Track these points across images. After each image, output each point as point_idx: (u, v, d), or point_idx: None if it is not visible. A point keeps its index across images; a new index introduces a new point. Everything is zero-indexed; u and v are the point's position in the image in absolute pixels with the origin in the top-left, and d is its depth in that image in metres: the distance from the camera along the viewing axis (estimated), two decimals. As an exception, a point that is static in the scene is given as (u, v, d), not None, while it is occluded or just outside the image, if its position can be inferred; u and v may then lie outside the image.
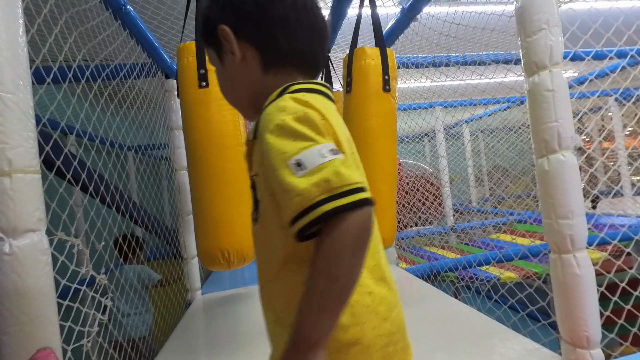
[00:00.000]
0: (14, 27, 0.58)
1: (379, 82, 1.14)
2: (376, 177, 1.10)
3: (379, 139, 1.13)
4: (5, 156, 0.54)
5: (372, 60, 1.15)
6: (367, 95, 1.14)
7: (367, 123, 1.13)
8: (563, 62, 0.80)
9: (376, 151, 1.12)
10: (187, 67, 0.97)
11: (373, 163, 1.10)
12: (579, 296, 0.76)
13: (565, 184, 0.77)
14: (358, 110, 1.15)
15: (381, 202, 1.09)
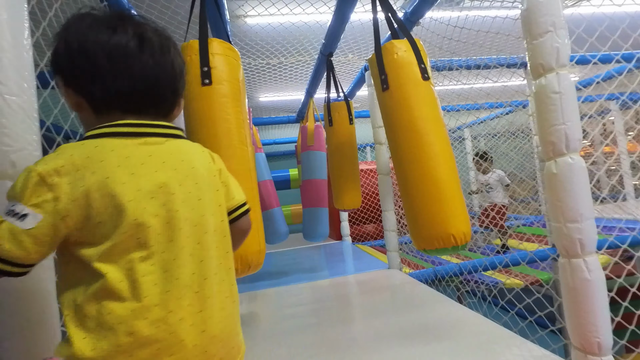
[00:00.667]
0: (20, 29, 0.58)
1: (416, 71, 1.09)
2: (437, 168, 1.05)
3: (431, 127, 1.07)
4: (8, 159, 0.53)
5: (405, 51, 1.11)
6: (409, 85, 1.08)
7: (415, 113, 1.07)
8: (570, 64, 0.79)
9: (431, 140, 1.06)
10: (190, 64, 0.96)
11: (430, 154, 1.05)
12: (590, 301, 0.74)
13: (574, 186, 0.75)
14: (403, 103, 1.09)
15: (449, 192, 1.04)
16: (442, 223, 1.02)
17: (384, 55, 1.14)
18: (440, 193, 1.03)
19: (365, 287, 1.76)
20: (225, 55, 0.99)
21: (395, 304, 1.50)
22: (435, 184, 1.04)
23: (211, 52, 0.96)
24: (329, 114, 2.09)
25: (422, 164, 1.05)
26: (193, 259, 0.49)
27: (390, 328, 1.21)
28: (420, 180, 1.06)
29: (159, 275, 0.46)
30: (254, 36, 2.27)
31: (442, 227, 1.02)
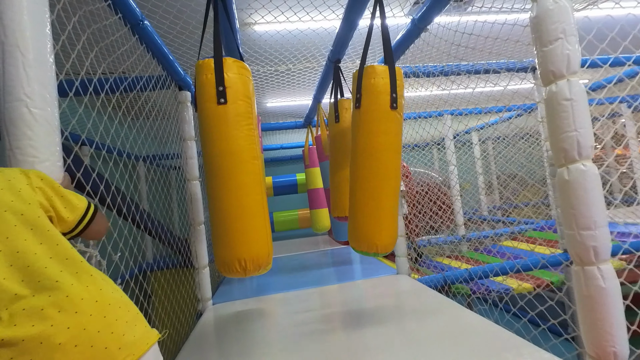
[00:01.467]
0: (43, 45, 0.61)
1: (387, 100, 1.20)
2: (380, 189, 1.23)
3: (386, 153, 1.22)
4: (35, 169, 0.55)
5: (382, 78, 1.21)
6: (376, 113, 1.22)
7: (376, 139, 1.21)
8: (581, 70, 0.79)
9: (383, 165, 1.22)
10: (206, 83, 1.00)
11: (378, 177, 1.22)
12: (605, 310, 0.74)
13: (587, 194, 0.75)
14: (367, 127, 1.23)
15: (384, 212, 1.23)
16: (372, 234, 1.23)
17: (364, 76, 1.25)
18: (379, 211, 1.22)
19: (374, 293, 1.75)
20: (239, 75, 1.04)
21: (404, 310, 1.49)
22: (377, 203, 1.21)
23: (226, 71, 1.01)
24: (336, 111, 2.08)
25: (369, 183, 1.23)
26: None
27: (400, 334, 1.20)
28: (365, 196, 1.24)
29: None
30: (263, 44, 2.30)
31: (371, 237, 1.23)
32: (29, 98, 0.56)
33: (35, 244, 0.48)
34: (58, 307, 0.46)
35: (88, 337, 0.46)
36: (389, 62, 1.25)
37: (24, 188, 0.52)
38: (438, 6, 1.40)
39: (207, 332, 1.50)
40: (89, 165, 1.07)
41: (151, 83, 1.57)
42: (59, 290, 0.47)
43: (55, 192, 0.55)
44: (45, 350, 0.43)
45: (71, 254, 0.52)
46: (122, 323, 0.50)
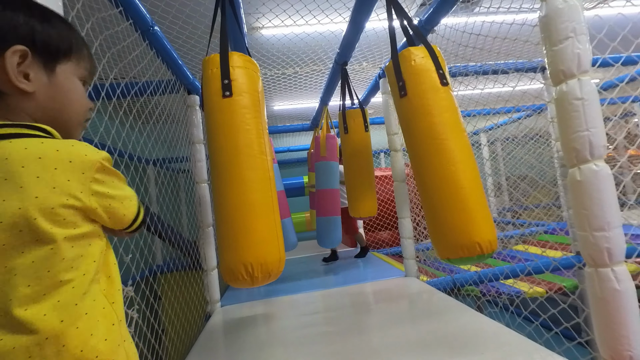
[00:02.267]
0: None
1: (435, 77, 1.09)
2: (461, 175, 1.02)
3: (452, 133, 1.05)
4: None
5: (422, 57, 1.11)
6: (429, 92, 1.08)
7: (436, 120, 1.06)
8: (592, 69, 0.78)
9: (451, 146, 1.04)
10: (211, 77, 0.99)
11: (453, 161, 1.03)
12: (620, 313, 0.72)
13: (600, 194, 0.74)
14: (422, 110, 1.08)
15: (473, 199, 1.01)
16: (466, 231, 0.99)
17: (401, 62, 1.14)
18: (463, 200, 1.01)
19: (382, 296, 1.74)
20: (245, 68, 1.01)
21: (413, 313, 1.48)
22: (457, 191, 1.02)
23: (231, 65, 0.99)
24: (344, 122, 2.11)
25: (442, 171, 1.04)
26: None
27: (408, 338, 1.19)
28: (441, 187, 1.04)
29: None
30: (270, 47, 2.32)
31: (466, 235, 0.99)
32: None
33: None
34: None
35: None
36: (424, 42, 1.17)
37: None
38: (445, 8, 1.40)
39: (215, 334, 1.50)
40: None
41: (161, 87, 1.60)
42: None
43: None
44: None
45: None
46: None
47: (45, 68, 0.48)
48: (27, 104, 0.47)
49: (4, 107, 0.46)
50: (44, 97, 0.48)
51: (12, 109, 0.46)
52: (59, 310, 0.41)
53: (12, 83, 0.45)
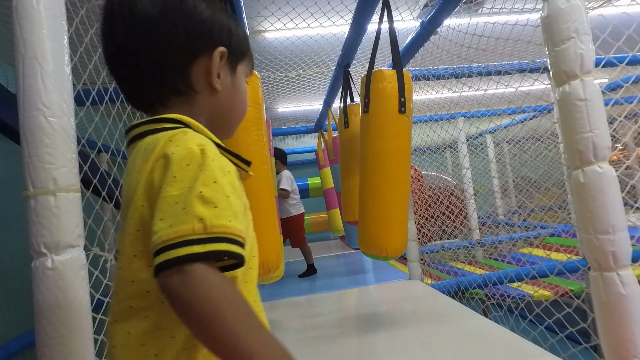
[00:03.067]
0: (61, 57, 0.63)
1: (395, 104, 1.21)
2: (390, 193, 1.23)
3: (394, 158, 1.23)
4: (51, 176, 0.57)
5: (389, 83, 1.22)
6: (384, 117, 1.23)
7: (384, 143, 1.23)
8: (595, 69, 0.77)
9: (391, 169, 1.22)
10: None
11: (387, 180, 1.22)
12: (625, 317, 0.70)
13: (605, 196, 0.72)
14: (375, 131, 1.23)
15: (394, 215, 1.23)
16: (380, 237, 1.23)
17: (372, 81, 1.26)
18: (384, 213, 1.22)
19: (387, 298, 1.73)
20: (247, 82, 1.05)
21: (417, 316, 1.47)
22: (385, 206, 1.21)
23: None
24: (345, 116, 2.10)
25: (378, 187, 1.24)
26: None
27: (413, 340, 1.18)
28: (372, 197, 1.25)
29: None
30: (273, 50, 2.34)
31: (379, 240, 1.23)
32: (47, 107, 0.59)
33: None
34: None
35: None
36: (396, 66, 1.25)
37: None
38: (447, 9, 1.39)
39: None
40: (105, 170, 1.10)
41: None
42: None
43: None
44: None
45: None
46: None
47: (231, 69, 0.49)
48: (210, 102, 0.47)
49: (188, 103, 0.46)
50: (225, 97, 0.48)
51: (195, 106, 0.46)
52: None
53: (209, 82, 0.46)
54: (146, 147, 0.41)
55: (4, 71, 1.84)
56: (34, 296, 0.56)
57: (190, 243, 0.34)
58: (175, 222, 0.34)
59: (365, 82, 1.29)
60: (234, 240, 0.35)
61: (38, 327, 0.55)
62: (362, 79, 1.32)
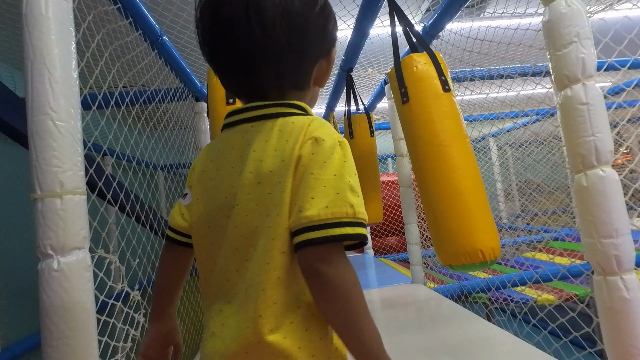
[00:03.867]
0: (68, 62, 0.64)
1: (437, 84, 1.09)
2: (463, 181, 1.02)
3: (455, 140, 1.06)
4: (57, 179, 0.58)
5: (424, 64, 1.11)
6: (430, 98, 1.09)
7: (438, 126, 1.06)
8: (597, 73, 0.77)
9: (453, 152, 1.05)
10: (216, 86, 1.02)
11: (454, 167, 1.03)
12: (629, 322, 0.70)
13: (607, 200, 0.72)
14: (424, 116, 1.09)
15: (475, 206, 1.02)
16: (468, 238, 0.99)
17: (403, 69, 1.15)
18: (465, 206, 1.01)
19: (389, 302, 1.72)
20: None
21: (420, 320, 1.46)
22: (460, 197, 1.02)
23: None
24: (350, 127, 2.12)
25: (444, 177, 1.04)
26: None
27: (416, 345, 1.18)
28: (443, 194, 1.04)
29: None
30: (276, 54, 2.35)
31: (468, 242, 0.99)
32: (54, 112, 0.60)
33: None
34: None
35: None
36: (426, 49, 1.17)
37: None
38: (449, 13, 1.40)
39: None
40: (110, 174, 1.11)
41: (169, 95, 1.64)
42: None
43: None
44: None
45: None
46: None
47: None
48: (311, 95, 0.53)
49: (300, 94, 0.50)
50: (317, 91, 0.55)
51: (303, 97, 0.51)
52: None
53: (321, 78, 0.52)
54: (282, 127, 0.44)
55: (12, 75, 1.87)
56: (40, 297, 0.56)
57: (344, 225, 0.38)
58: (331, 204, 0.38)
59: (396, 72, 1.16)
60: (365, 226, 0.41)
61: (43, 328, 0.56)
62: (390, 73, 1.20)
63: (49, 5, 0.62)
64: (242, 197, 0.43)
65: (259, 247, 0.40)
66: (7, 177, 1.99)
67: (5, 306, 1.88)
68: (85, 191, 0.64)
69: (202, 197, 0.48)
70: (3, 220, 1.96)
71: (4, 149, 1.99)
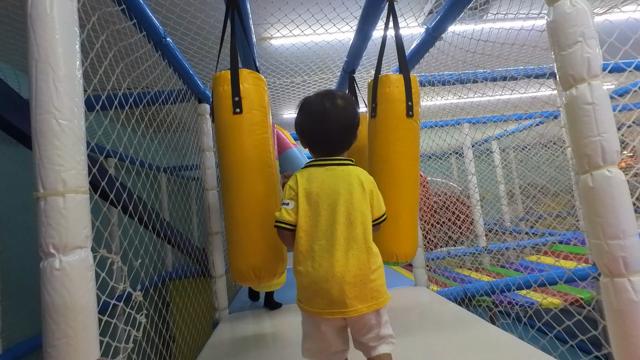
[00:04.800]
0: (72, 62, 0.65)
1: (402, 108, 1.20)
2: (399, 198, 1.22)
3: (403, 162, 1.22)
4: (60, 177, 0.58)
5: (396, 87, 1.22)
6: (392, 121, 1.22)
7: (392, 147, 1.22)
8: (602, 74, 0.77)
9: (400, 174, 1.22)
10: (222, 94, 1.03)
11: (396, 185, 1.21)
12: (637, 325, 0.69)
13: (614, 201, 0.71)
14: (383, 135, 1.23)
15: (403, 221, 1.23)
16: (390, 242, 1.21)
17: (379, 85, 1.25)
18: (397, 219, 1.20)
19: (392, 305, 1.70)
20: (254, 85, 1.06)
21: (423, 324, 1.45)
22: (395, 211, 1.18)
23: (242, 82, 1.04)
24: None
25: (387, 192, 1.20)
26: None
27: (419, 349, 1.17)
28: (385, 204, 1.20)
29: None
30: (279, 57, 2.36)
31: (390, 246, 1.22)
32: (58, 111, 0.60)
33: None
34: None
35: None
36: (403, 71, 1.25)
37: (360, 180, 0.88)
38: (452, 15, 1.40)
39: (222, 342, 1.50)
40: (113, 175, 1.11)
41: (172, 96, 1.64)
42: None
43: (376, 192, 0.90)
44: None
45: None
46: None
47: None
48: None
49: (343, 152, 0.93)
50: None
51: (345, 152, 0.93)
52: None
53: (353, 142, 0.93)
54: (351, 171, 0.88)
55: (17, 77, 1.89)
56: (42, 296, 0.56)
57: (385, 214, 0.91)
58: (382, 207, 0.91)
59: (372, 87, 1.28)
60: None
61: (45, 328, 0.55)
62: (369, 85, 1.32)
63: (54, 4, 0.63)
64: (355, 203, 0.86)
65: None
66: (11, 179, 2.00)
67: (8, 307, 1.88)
68: (88, 190, 0.64)
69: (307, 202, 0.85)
70: (7, 222, 1.97)
71: (7, 150, 2.00)
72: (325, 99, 0.88)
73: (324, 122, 0.87)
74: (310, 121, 0.89)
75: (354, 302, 0.80)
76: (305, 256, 0.83)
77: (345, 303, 0.79)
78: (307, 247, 0.83)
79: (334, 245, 0.81)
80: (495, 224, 4.05)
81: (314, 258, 0.81)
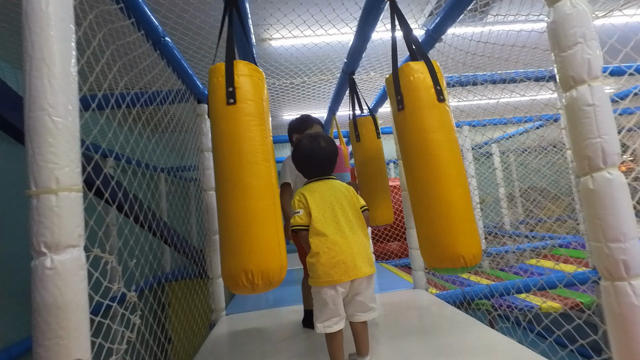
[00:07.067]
0: (68, 59, 0.64)
1: (432, 93, 1.11)
2: (448, 191, 1.07)
3: (445, 151, 1.09)
4: (54, 175, 0.57)
5: (421, 73, 1.13)
6: (424, 109, 1.11)
7: (429, 136, 1.10)
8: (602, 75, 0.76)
9: (444, 162, 1.08)
10: (217, 86, 0.99)
11: (442, 176, 1.08)
12: (638, 329, 0.68)
13: (615, 203, 0.71)
14: (417, 125, 1.12)
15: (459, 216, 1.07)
16: (452, 244, 1.06)
17: (400, 77, 1.17)
18: (452, 214, 1.07)
19: (391, 308, 1.70)
20: (250, 76, 1.01)
21: (422, 327, 1.44)
22: (447, 206, 1.07)
23: (236, 73, 0.99)
24: (356, 129, 2.09)
25: (434, 186, 1.10)
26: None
27: (417, 352, 1.15)
28: (432, 201, 1.10)
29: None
30: (279, 57, 2.36)
31: (452, 248, 1.06)
32: (52, 107, 0.59)
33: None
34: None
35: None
36: (424, 57, 1.18)
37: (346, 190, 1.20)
38: (452, 17, 1.40)
39: (219, 344, 1.49)
40: (108, 174, 1.10)
41: (170, 96, 1.63)
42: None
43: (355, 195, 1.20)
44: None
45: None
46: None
47: None
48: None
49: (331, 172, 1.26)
50: None
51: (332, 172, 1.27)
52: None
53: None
54: (340, 185, 1.21)
55: (15, 75, 1.88)
56: (32, 296, 0.55)
57: (364, 205, 1.22)
58: (361, 200, 1.21)
59: (393, 80, 1.19)
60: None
61: (35, 327, 0.54)
62: (388, 80, 1.23)
63: (50, 1, 0.62)
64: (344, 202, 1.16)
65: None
66: (8, 178, 1.99)
67: (4, 307, 1.86)
68: (81, 188, 0.63)
69: (315, 204, 1.13)
70: (3, 221, 1.96)
71: (6, 149, 1.99)
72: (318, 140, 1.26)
73: (320, 155, 1.22)
74: (310, 155, 1.23)
75: (362, 267, 1.07)
76: (321, 240, 1.08)
77: (357, 267, 1.06)
78: (322, 230, 1.09)
79: (340, 228, 1.10)
80: (495, 227, 4.04)
81: (328, 238, 1.08)
